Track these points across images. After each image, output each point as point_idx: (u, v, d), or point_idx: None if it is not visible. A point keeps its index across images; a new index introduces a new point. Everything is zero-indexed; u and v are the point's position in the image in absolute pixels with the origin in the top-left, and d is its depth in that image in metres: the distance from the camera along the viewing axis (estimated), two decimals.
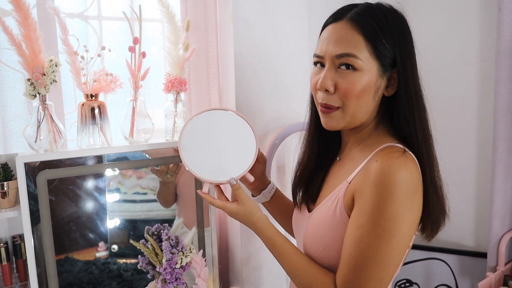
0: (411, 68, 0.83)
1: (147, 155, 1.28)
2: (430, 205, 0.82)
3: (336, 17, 0.86)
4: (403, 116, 0.83)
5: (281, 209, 1.13)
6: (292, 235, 1.12)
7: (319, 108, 0.89)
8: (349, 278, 0.80)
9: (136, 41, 1.18)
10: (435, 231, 0.87)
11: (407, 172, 0.76)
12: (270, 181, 1.11)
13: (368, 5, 0.85)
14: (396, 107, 0.84)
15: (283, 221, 1.15)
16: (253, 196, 1.12)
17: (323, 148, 0.98)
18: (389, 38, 0.81)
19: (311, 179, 0.97)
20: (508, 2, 1.50)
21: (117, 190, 1.29)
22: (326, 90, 0.84)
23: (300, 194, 1.00)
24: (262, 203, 1.13)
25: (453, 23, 1.78)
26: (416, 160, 0.81)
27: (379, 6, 0.85)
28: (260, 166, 1.07)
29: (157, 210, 1.35)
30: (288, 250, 0.90)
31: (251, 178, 1.01)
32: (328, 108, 0.86)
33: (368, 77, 0.82)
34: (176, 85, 1.25)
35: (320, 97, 0.86)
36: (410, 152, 0.81)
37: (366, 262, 0.78)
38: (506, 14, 1.51)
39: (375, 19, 0.82)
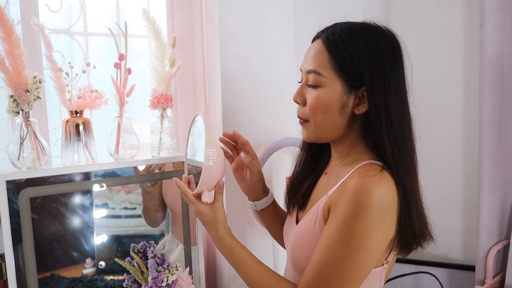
0: (382, 87, 0.84)
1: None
2: (402, 224, 0.83)
3: (317, 35, 0.92)
4: (373, 134, 0.86)
5: (272, 220, 1.16)
6: (282, 245, 1.16)
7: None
8: (310, 284, 0.83)
9: (121, 57, 1.18)
10: (407, 250, 0.88)
11: (380, 191, 0.78)
12: (266, 196, 1.12)
13: (347, 25, 0.88)
14: (368, 125, 0.87)
15: (274, 232, 1.18)
16: (249, 200, 1.15)
17: (313, 162, 1.03)
18: (356, 59, 0.84)
19: (299, 187, 1.02)
20: (489, 19, 1.54)
21: (105, 205, 1.27)
22: (298, 103, 0.93)
23: (291, 197, 1.05)
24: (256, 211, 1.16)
25: (438, 39, 1.81)
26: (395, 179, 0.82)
27: (361, 25, 0.88)
28: (253, 177, 1.09)
29: (146, 225, 1.34)
30: (248, 256, 0.94)
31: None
32: (302, 120, 0.93)
33: (331, 93, 0.86)
34: (162, 102, 1.24)
35: (297, 109, 0.94)
36: (389, 171, 0.82)
37: (328, 272, 0.81)
38: (488, 30, 1.54)
39: (343, 40, 0.85)
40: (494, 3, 1.53)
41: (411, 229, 0.83)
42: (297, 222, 0.99)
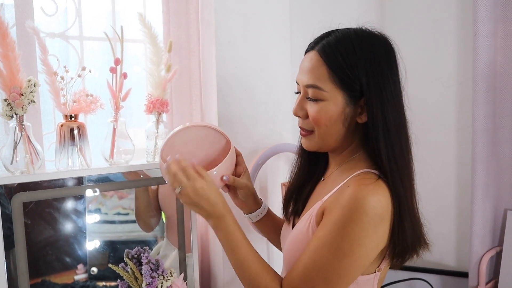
0: (379, 95, 0.84)
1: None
2: (394, 234, 0.82)
3: (311, 45, 0.91)
4: (372, 143, 0.85)
5: (270, 229, 1.16)
6: (281, 250, 1.15)
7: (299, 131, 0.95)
8: (295, 282, 0.83)
9: (117, 62, 1.17)
10: (400, 260, 0.87)
11: (375, 200, 0.79)
12: (259, 207, 1.11)
13: (341, 34, 0.87)
14: (368, 134, 0.86)
15: (273, 239, 1.17)
16: (244, 213, 1.14)
17: (310, 169, 1.03)
18: (355, 69, 0.83)
19: (298, 195, 1.02)
20: (482, 28, 1.56)
21: (98, 210, 1.26)
22: (300, 117, 0.92)
23: (290, 209, 1.04)
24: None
25: (432, 47, 1.83)
26: (390, 188, 0.82)
27: (355, 32, 0.87)
28: (240, 191, 1.08)
29: (139, 231, 1.33)
30: (245, 239, 0.92)
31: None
32: (304, 131, 0.92)
33: (334, 106, 0.86)
34: (157, 106, 1.24)
35: (298, 121, 0.93)
36: (385, 180, 0.82)
37: (314, 273, 0.81)
38: (481, 39, 1.56)
39: (340, 50, 0.84)
40: (487, 13, 1.55)
41: (404, 239, 0.83)
42: (293, 228, 0.99)
